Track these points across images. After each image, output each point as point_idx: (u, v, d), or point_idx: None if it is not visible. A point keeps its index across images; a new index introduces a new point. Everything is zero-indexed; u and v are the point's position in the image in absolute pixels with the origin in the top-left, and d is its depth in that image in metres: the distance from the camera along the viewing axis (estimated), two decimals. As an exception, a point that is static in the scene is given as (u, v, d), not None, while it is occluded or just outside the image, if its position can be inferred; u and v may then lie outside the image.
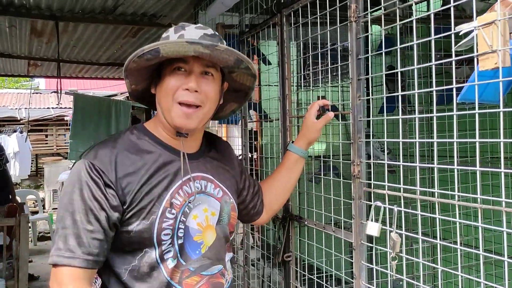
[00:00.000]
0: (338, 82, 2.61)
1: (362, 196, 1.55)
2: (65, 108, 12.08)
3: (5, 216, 4.23)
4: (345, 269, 1.95)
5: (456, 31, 1.08)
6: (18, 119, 12.33)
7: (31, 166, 12.42)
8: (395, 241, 1.29)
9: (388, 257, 1.33)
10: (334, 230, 1.74)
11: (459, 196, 1.14)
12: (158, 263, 1.14)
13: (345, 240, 1.66)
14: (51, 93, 13.60)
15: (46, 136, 13.40)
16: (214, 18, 3.11)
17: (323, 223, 1.84)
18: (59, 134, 13.37)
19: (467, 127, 2.26)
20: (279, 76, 2.17)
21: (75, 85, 12.71)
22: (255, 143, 3.05)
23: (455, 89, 1.11)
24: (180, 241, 1.17)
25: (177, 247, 1.16)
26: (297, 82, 2.89)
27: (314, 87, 2.67)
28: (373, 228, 1.40)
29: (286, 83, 2.13)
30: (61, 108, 11.88)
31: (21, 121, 12.24)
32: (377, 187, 1.51)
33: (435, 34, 1.17)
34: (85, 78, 7.40)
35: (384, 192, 1.38)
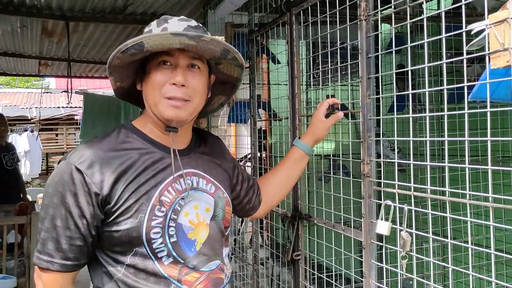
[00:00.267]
0: (348, 81, 2.61)
1: (372, 195, 1.55)
2: (75, 107, 12.19)
3: (16, 214, 4.27)
4: (354, 268, 1.95)
5: (467, 29, 1.07)
6: (29, 118, 12.44)
7: (42, 165, 12.55)
8: (405, 240, 1.29)
9: (398, 256, 1.33)
10: (344, 228, 1.74)
11: (470, 195, 1.14)
12: (152, 261, 1.12)
13: (354, 239, 1.66)
14: (61, 92, 13.72)
15: (56, 135, 13.52)
16: (223, 17, 3.11)
17: (332, 221, 1.84)
18: (69, 133, 13.48)
19: (478, 125, 2.24)
20: (289, 75, 2.17)
21: (85, 84, 12.81)
22: (264, 142, 3.05)
23: (466, 88, 1.10)
24: (173, 239, 1.14)
25: (170, 245, 1.14)
26: (306, 81, 2.89)
27: (324, 85, 2.67)
28: (383, 227, 1.39)
29: (295, 82, 2.13)
30: (71, 107, 11.99)
31: (31, 120, 12.36)
32: (387, 185, 1.50)
33: (445, 33, 1.16)
34: (95, 77, 7.45)
35: (394, 191, 1.38)
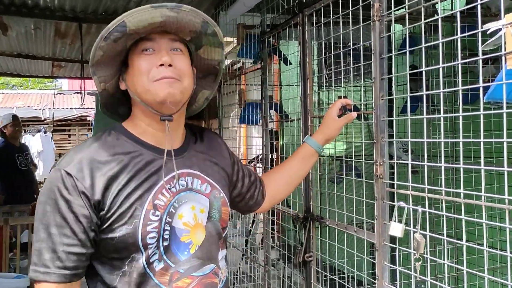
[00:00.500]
0: (360, 82, 2.60)
1: (385, 196, 1.54)
2: (88, 108, 12.28)
3: (30, 214, 4.33)
4: (364, 269, 1.94)
5: (483, 29, 1.06)
6: (42, 119, 12.57)
7: (54, 165, 12.64)
8: (419, 242, 1.28)
9: (411, 258, 1.32)
10: (356, 230, 1.73)
11: (485, 197, 1.12)
12: (144, 268, 1.09)
13: (366, 240, 1.65)
14: (73, 93, 13.84)
15: (69, 136, 13.64)
16: (235, 18, 3.12)
17: (344, 223, 1.84)
18: (81, 134, 13.59)
19: (492, 127, 2.22)
20: (301, 76, 2.17)
21: (97, 85, 12.88)
22: (275, 143, 3.05)
23: (482, 89, 1.09)
24: (165, 243, 1.11)
25: (162, 249, 1.10)
26: (318, 82, 2.88)
27: (336, 86, 2.66)
28: (396, 229, 1.38)
29: (307, 83, 2.13)
30: (83, 108, 12.08)
31: (45, 121, 12.49)
32: (399, 187, 1.49)
33: (459, 32, 1.15)
34: (107, 78, 7.49)
35: (408, 192, 1.37)
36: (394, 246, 1.51)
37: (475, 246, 1.25)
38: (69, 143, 13.61)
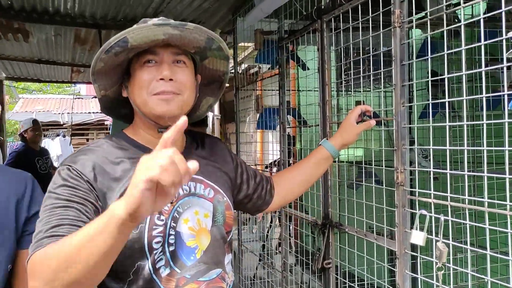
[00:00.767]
0: (379, 88, 2.58)
1: (406, 204, 1.52)
2: (105, 112, 12.40)
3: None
4: (383, 277, 1.92)
5: (508, 36, 1.05)
6: (61, 123, 12.76)
7: (73, 169, 12.79)
8: (441, 251, 1.26)
9: (430, 266, 1.30)
10: (376, 238, 1.72)
11: (510, 206, 1.11)
12: (151, 274, 1.08)
13: (383, 248, 1.64)
14: (91, 98, 14.03)
15: (87, 140, 13.80)
16: (252, 24, 3.13)
17: (364, 230, 1.82)
18: (99, 138, 13.71)
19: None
20: (319, 82, 2.17)
21: (114, 90, 13.04)
22: (292, 148, 3.05)
23: (507, 95, 1.08)
24: (171, 248, 1.10)
25: (168, 254, 1.10)
26: (337, 88, 2.87)
27: (355, 91, 2.65)
28: (418, 237, 1.37)
29: (326, 89, 2.12)
30: (101, 112, 12.21)
31: (63, 126, 12.67)
32: (420, 194, 1.48)
33: (481, 38, 1.14)
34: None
35: (430, 200, 1.35)
36: (416, 254, 1.49)
37: (498, 256, 1.23)
38: (87, 147, 13.73)
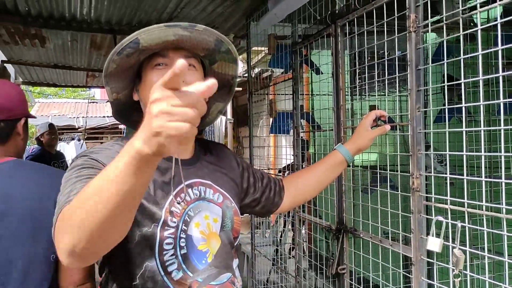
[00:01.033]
0: (394, 92, 2.57)
1: (421, 210, 1.51)
2: (119, 116, 12.51)
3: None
4: (398, 283, 1.90)
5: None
6: (76, 127, 12.90)
7: (87, 173, 12.91)
8: (458, 258, 1.25)
9: (446, 272, 1.29)
10: (391, 244, 1.70)
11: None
12: (162, 276, 1.08)
13: (398, 254, 1.62)
14: (105, 102, 14.17)
15: (102, 143, 13.93)
16: (266, 29, 3.14)
17: (379, 236, 1.81)
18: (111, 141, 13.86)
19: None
20: (333, 86, 2.16)
21: (128, 94, 13.14)
22: (306, 152, 3.04)
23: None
24: (183, 251, 1.11)
25: (180, 258, 1.10)
26: (351, 92, 2.86)
27: (370, 95, 2.63)
28: (434, 244, 1.35)
29: (340, 94, 2.12)
30: (115, 117, 12.31)
31: (78, 129, 12.81)
32: (436, 200, 1.46)
33: (496, 42, 1.13)
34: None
35: (447, 206, 1.34)
36: (432, 260, 1.48)
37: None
38: (102, 150, 13.85)
